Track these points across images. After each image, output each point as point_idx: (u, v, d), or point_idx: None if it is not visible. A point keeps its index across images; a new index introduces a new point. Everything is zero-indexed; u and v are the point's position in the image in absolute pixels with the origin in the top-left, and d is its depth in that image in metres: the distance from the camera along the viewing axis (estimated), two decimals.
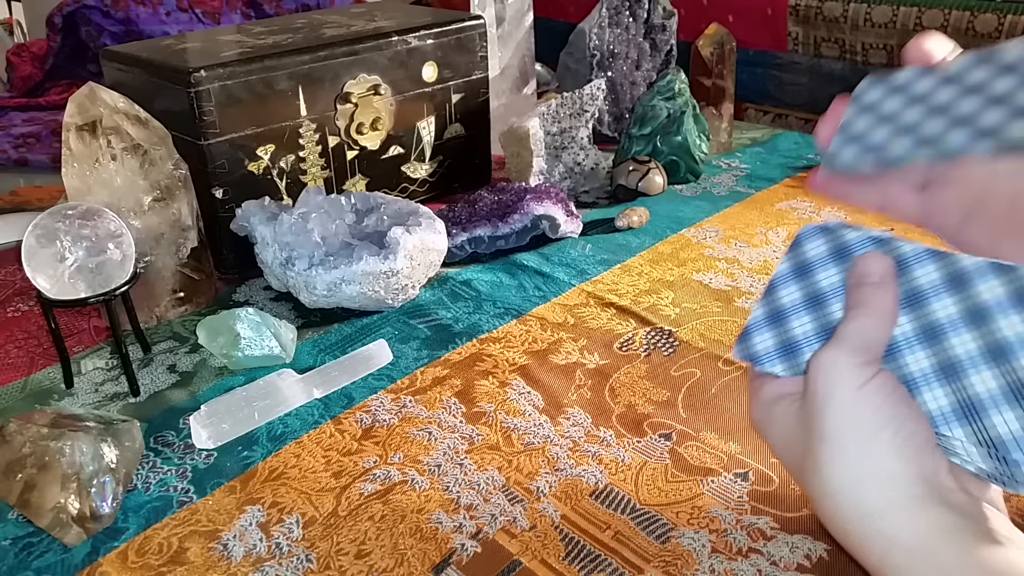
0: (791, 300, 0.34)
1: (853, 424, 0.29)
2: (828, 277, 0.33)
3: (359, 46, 0.92)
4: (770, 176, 1.13)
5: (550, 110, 1.04)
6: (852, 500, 0.29)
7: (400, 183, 1.02)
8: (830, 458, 0.29)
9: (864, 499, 0.29)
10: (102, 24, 1.51)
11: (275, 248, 0.77)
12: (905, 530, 0.28)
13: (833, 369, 0.30)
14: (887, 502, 0.29)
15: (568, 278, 0.86)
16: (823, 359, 0.30)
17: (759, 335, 0.34)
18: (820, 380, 0.30)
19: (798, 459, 0.32)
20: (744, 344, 0.35)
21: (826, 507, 0.30)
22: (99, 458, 0.54)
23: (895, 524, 0.29)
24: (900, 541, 0.28)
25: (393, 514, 0.54)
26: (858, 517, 0.29)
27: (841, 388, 0.29)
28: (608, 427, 0.63)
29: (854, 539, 0.30)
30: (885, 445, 0.29)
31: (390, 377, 0.70)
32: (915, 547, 0.28)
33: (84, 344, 0.76)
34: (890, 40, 1.35)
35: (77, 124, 0.70)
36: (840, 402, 0.29)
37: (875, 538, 0.29)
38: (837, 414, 0.29)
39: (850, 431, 0.29)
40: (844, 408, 0.29)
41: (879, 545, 0.29)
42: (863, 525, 0.29)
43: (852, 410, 0.29)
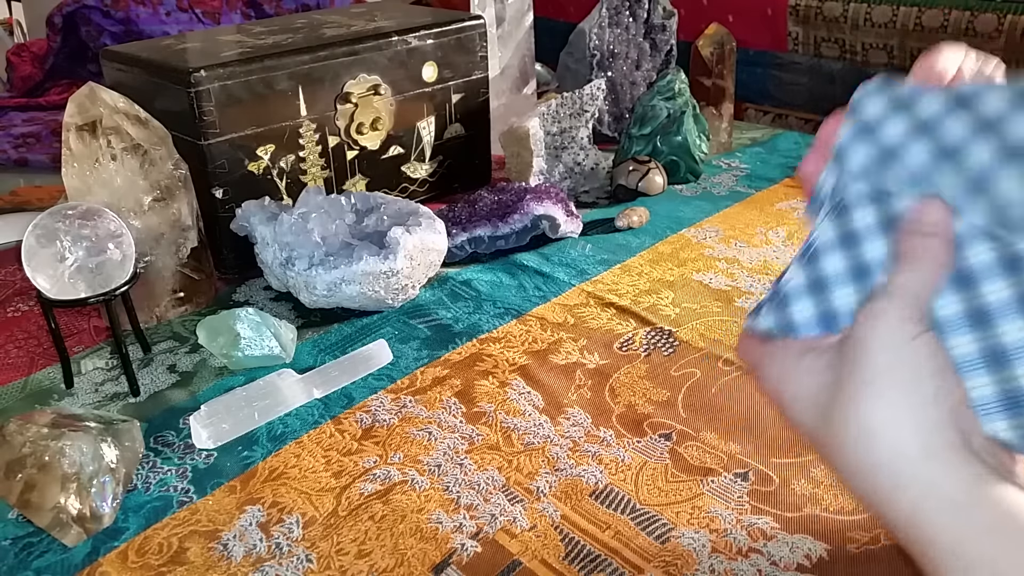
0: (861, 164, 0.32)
1: (901, 369, 0.29)
2: (895, 126, 0.31)
3: (359, 46, 0.92)
4: (770, 176, 1.13)
5: (550, 110, 1.04)
6: (891, 441, 0.29)
7: (400, 183, 1.02)
8: (873, 401, 0.29)
9: (904, 441, 0.29)
10: (102, 24, 1.51)
11: (275, 248, 0.77)
12: (942, 478, 0.28)
13: (884, 320, 0.30)
14: (927, 447, 0.29)
15: (568, 278, 0.86)
16: (875, 307, 0.30)
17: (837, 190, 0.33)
18: (870, 327, 0.30)
19: (823, 409, 0.31)
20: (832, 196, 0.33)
21: (858, 450, 0.30)
22: (99, 458, 0.54)
23: (933, 471, 0.28)
24: (937, 489, 0.28)
25: (393, 514, 0.54)
26: (895, 460, 0.29)
27: (891, 337, 0.30)
28: (608, 427, 0.63)
29: (885, 484, 0.29)
30: (930, 393, 0.29)
31: (390, 377, 0.70)
32: (952, 496, 0.28)
33: (84, 344, 0.76)
34: (890, 40, 1.35)
35: (77, 124, 0.70)
36: (890, 348, 0.29)
37: (910, 483, 0.29)
38: (886, 358, 0.29)
39: (897, 375, 0.29)
40: (893, 354, 0.29)
41: (913, 491, 0.29)
42: (899, 469, 0.29)
43: (901, 356, 0.29)
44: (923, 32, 1.30)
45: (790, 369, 0.33)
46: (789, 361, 0.33)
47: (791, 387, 0.33)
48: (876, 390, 0.29)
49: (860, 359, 0.30)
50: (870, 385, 0.30)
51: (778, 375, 0.33)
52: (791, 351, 0.33)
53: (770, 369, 0.34)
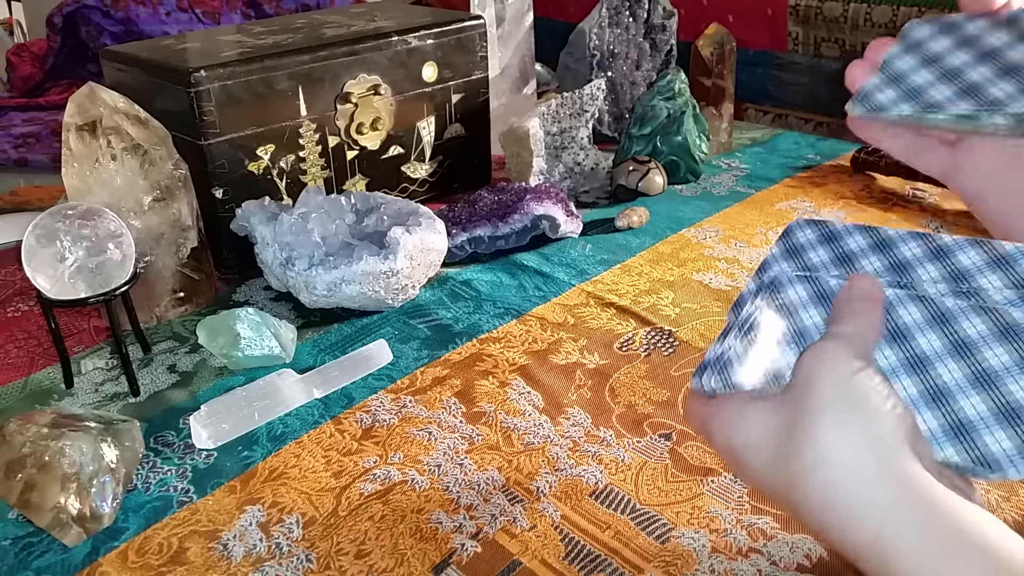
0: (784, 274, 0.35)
1: (854, 395, 0.30)
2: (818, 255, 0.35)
3: (359, 46, 0.92)
4: (770, 176, 1.13)
5: (550, 110, 1.04)
6: (848, 465, 0.29)
7: (400, 183, 1.02)
8: (828, 426, 0.30)
9: (861, 464, 0.29)
10: (102, 24, 1.51)
11: (275, 248, 0.77)
12: (902, 501, 0.28)
13: (832, 355, 0.31)
14: (885, 469, 0.29)
15: (568, 278, 0.86)
16: (820, 348, 0.31)
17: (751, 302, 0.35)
18: (818, 363, 0.31)
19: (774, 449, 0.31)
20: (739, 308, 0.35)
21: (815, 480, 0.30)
22: (99, 458, 0.54)
23: (892, 493, 0.29)
24: (897, 512, 0.28)
25: (393, 514, 0.54)
26: (853, 485, 0.29)
27: (836, 371, 0.30)
28: (608, 427, 0.63)
29: (844, 513, 0.29)
30: (884, 418, 0.29)
31: (390, 377, 0.70)
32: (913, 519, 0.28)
33: (84, 344, 0.76)
34: None
35: (77, 124, 0.70)
36: (840, 377, 0.30)
37: (869, 509, 0.29)
38: (837, 386, 0.30)
39: (851, 400, 0.30)
40: (844, 381, 0.30)
41: (873, 516, 0.29)
42: (857, 494, 0.29)
43: (852, 383, 0.30)
44: None
45: (738, 419, 0.33)
46: (736, 411, 0.33)
47: (740, 436, 0.33)
48: (830, 418, 0.30)
49: (810, 392, 0.30)
50: (823, 414, 0.30)
51: (726, 426, 0.34)
52: (737, 402, 0.34)
53: (718, 422, 0.34)
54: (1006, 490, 0.55)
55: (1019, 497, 0.54)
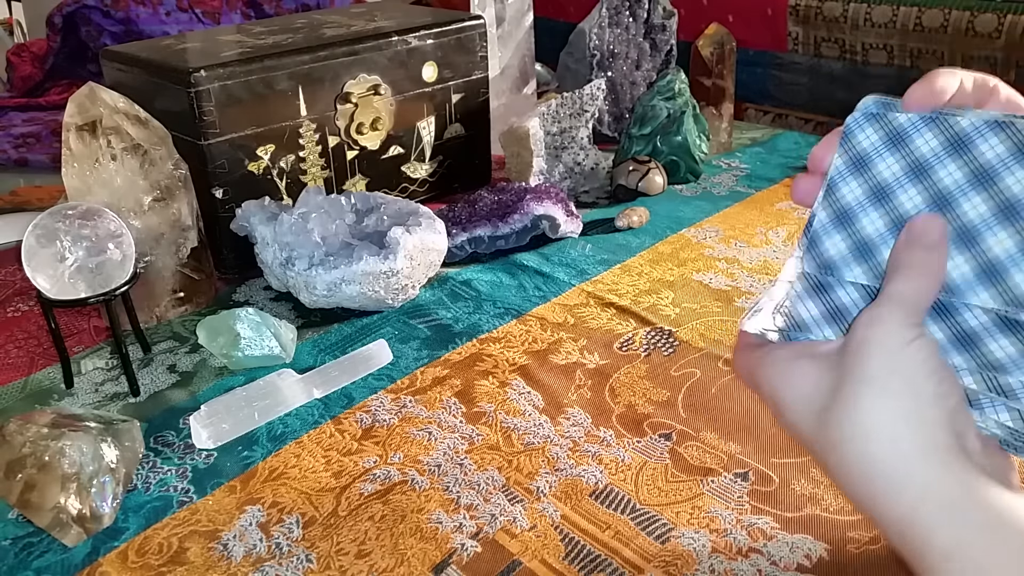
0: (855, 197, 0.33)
1: (901, 369, 0.30)
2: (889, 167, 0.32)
3: (359, 46, 0.92)
4: (770, 176, 1.13)
5: (550, 110, 1.04)
6: (889, 441, 0.29)
7: (400, 183, 1.02)
8: (873, 399, 0.30)
9: (902, 441, 0.29)
10: (102, 24, 1.51)
11: (275, 248, 0.77)
12: (939, 479, 0.29)
13: (884, 323, 0.30)
14: (924, 448, 0.29)
15: (568, 278, 0.86)
16: (874, 313, 0.31)
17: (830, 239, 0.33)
18: (871, 330, 0.30)
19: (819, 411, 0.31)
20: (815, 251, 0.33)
21: (855, 450, 0.30)
22: (99, 458, 0.54)
23: (930, 471, 0.29)
24: (934, 489, 0.28)
25: (393, 514, 0.54)
26: (892, 460, 0.29)
27: (891, 339, 0.30)
28: (608, 427, 0.63)
29: (881, 485, 0.29)
30: (927, 395, 0.29)
31: (390, 377, 0.70)
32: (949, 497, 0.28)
33: (84, 344, 0.76)
34: (890, 40, 1.35)
35: (77, 124, 0.70)
36: (890, 349, 0.30)
37: (907, 484, 0.29)
38: (886, 359, 0.30)
39: (896, 376, 0.30)
40: (893, 355, 0.30)
41: (910, 492, 0.29)
42: (896, 469, 0.29)
43: (901, 357, 0.30)
44: (923, 32, 1.30)
45: (785, 372, 0.33)
46: (784, 365, 0.33)
47: (787, 390, 0.33)
48: (874, 390, 0.30)
49: (858, 361, 0.30)
50: (868, 385, 0.30)
51: (774, 379, 0.33)
52: (787, 355, 0.33)
53: (766, 373, 0.34)
54: None
55: None
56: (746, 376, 0.36)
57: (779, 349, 0.34)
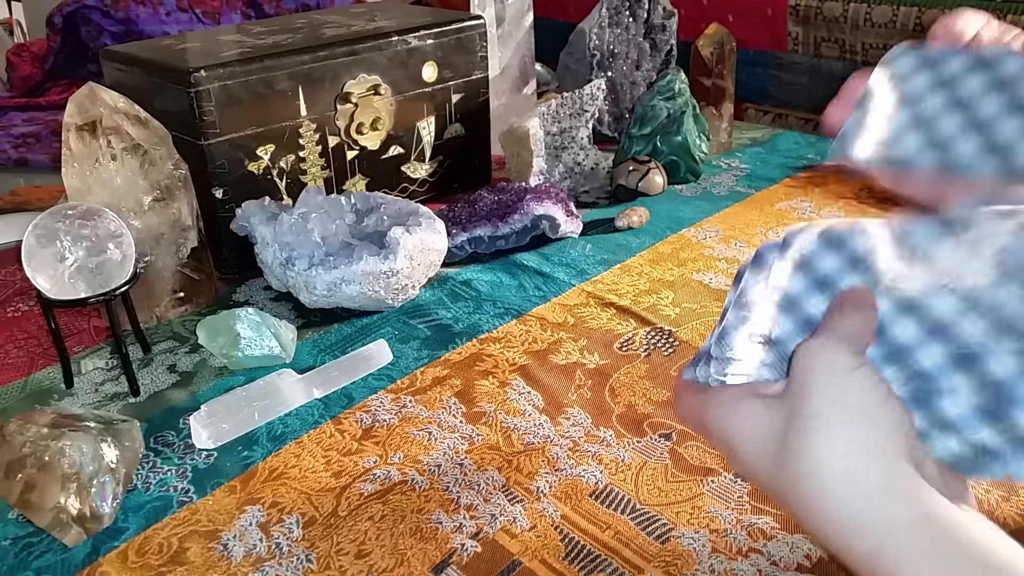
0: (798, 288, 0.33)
1: (849, 400, 0.29)
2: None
3: (359, 46, 0.92)
4: (770, 176, 1.13)
5: (550, 110, 1.04)
6: (847, 479, 0.28)
7: (400, 183, 1.02)
8: (824, 435, 0.29)
9: (860, 478, 0.28)
10: (102, 24, 1.51)
11: (275, 248, 0.77)
12: (902, 512, 0.28)
13: (828, 353, 0.30)
14: (883, 482, 0.28)
15: (568, 278, 0.86)
16: (817, 344, 0.30)
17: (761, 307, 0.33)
18: (814, 362, 0.30)
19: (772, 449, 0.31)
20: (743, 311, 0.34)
21: (812, 486, 0.29)
22: (99, 458, 0.54)
23: (892, 504, 0.28)
24: (897, 523, 0.28)
25: (393, 514, 0.54)
26: (852, 498, 0.28)
27: (836, 369, 0.29)
28: (608, 427, 0.63)
29: (843, 523, 0.29)
30: (880, 423, 0.29)
31: (390, 377, 0.70)
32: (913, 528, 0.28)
33: (84, 344, 0.76)
34: (890, 40, 1.35)
35: (77, 124, 0.70)
36: (836, 380, 0.29)
37: (870, 519, 0.28)
38: (833, 391, 0.29)
39: (847, 406, 0.29)
40: (840, 386, 0.29)
41: (875, 530, 0.28)
42: (857, 507, 0.28)
43: (848, 388, 0.29)
44: (923, 32, 1.30)
45: (734, 414, 0.32)
46: (732, 406, 0.32)
47: (736, 432, 0.32)
48: (825, 424, 0.29)
49: (806, 393, 0.30)
50: (819, 419, 0.29)
51: (722, 422, 0.33)
52: (733, 396, 0.33)
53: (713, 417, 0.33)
54: (1006, 490, 0.55)
55: (1019, 497, 0.54)
56: (693, 422, 0.35)
57: (724, 391, 0.33)
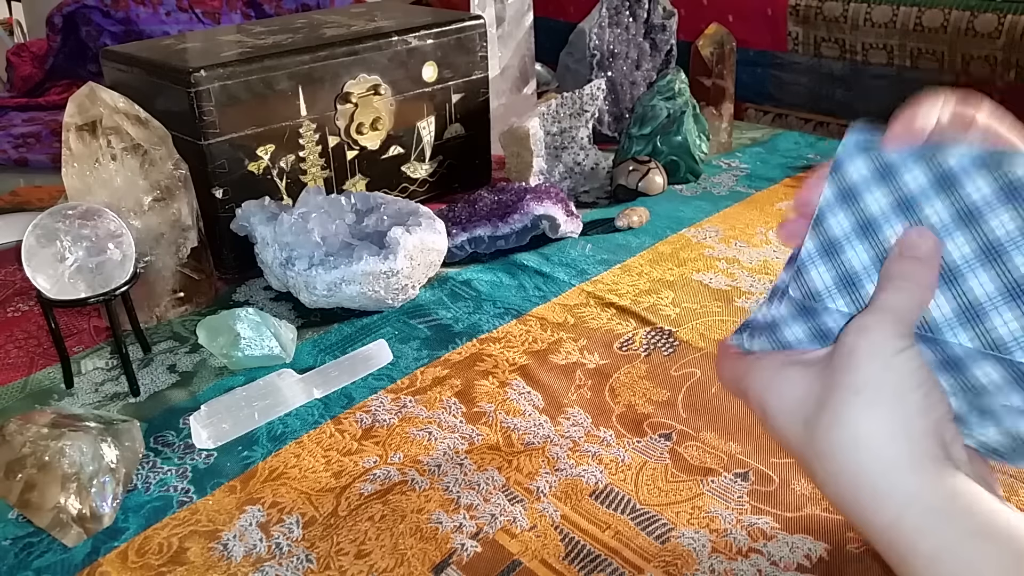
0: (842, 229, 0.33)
1: (888, 380, 0.30)
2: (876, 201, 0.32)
3: (359, 46, 0.92)
4: (770, 176, 1.13)
5: (550, 110, 1.04)
6: (877, 449, 0.30)
7: (400, 183, 1.02)
8: (860, 409, 0.30)
9: (890, 450, 0.29)
10: (102, 24, 1.51)
11: (275, 248, 0.77)
12: (925, 487, 0.29)
13: (873, 331, 0.30)
14: (911, 457, 0.29)
15: (568, 278, 0.86)
16: (864, 321, 0.31)
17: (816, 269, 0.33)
18: (860, 338, 0.31)
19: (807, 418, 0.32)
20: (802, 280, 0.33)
21: (843, 458, 0.30)
22: (99, 458, 0.54)
23: (917, 480, 0.29)
24: (920, 497, 0.29)
25: (393, 514, 0.54)
26: (880, 468, 0.29)
27: (881, 348, 0.30)
28: (608, 427, 0.63)
29: (868, 492, 0.30)
30: (916, 404, 0.30)
31: (390, 377, 0.70)
32: (935, 505, 0.29)
33: (84, 344, 0.76)
34: (890, 40, 1.35)
35: (77, 124, 0.70)
36: (879, 358, 0.30)
37: (893, 492, 0.29)
38: (875, 368, 0.30)
39: (885, 386, 0.30)
40: (882, 365, 0.30)
41: (897, 499, 0.29)
42: (883, 476, 0.29)
43: (890, 368, 0.30)
44: (923, 32, 1.30)
45: (773, 380, 0.33)
46: (772, 373, 0.33)
47: (775, 398, 0.33)
48: (863, 399, 0.30)
49: (848, 369, 0.30)
50: (858, 394, 0.30)
51: (761, 387, 0.34)
52: (774, 363, 0.34)
53: (753, 381, 0.34)
54: (1007, 490, 0.55)
55: (1019, 497, 0.54)
56: (732, 385, 0.36)
57: (766, 357, 0.34)
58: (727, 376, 0.36)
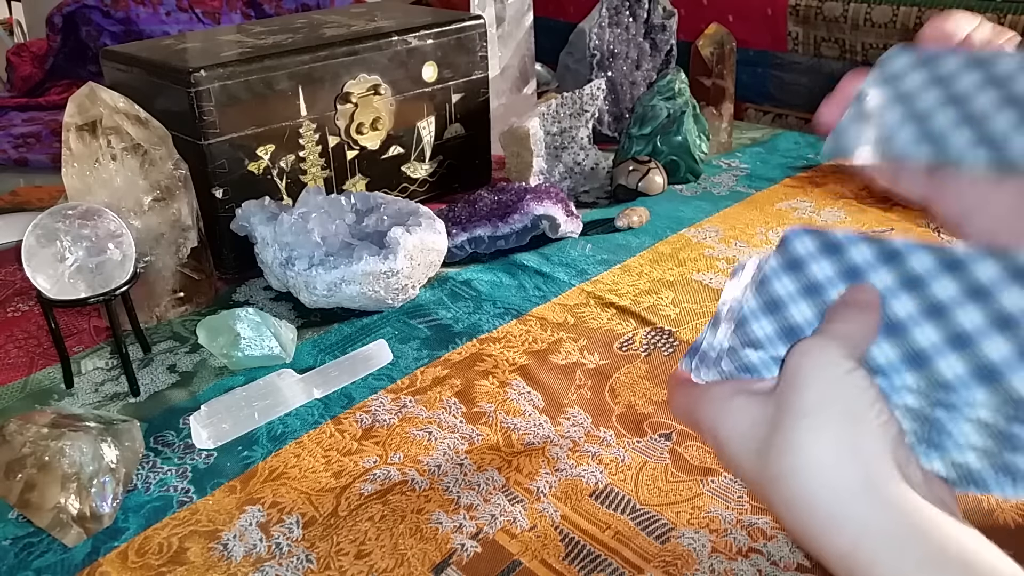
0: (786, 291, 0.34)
1: (837, 402, 0.29)
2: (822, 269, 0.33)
3: (359, 46, 0.92)
4: (770, 176, 1.13)
5: (550, 110, 1.04)
6: (829, 477, 0.29)
7: (400, 183, 1.02)
8: (810, 433, 0.29)
9: (842, 477, 0.29)
10: (102, 24, 1.51)
11: (275, 248, 0.77)
12: (880, 512, 0.28)
13: (821, 353, 0.30)
14: (865, 481, 0.28)
15: (568, 278, 0.86)
16: (811, 344, 0.31)
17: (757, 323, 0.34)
18: (806, 361, 0.30)
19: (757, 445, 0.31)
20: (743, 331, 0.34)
21: (794, 484, 0.29)
22: (99, 458, 0.54)
23: (871, 505, 0.28)
24: (875, 523, 0.28)
25: (393, 514, 0.54)
26: (832, 496, 0.29)
27: (828, 369, 0.30)
28: (608, 427, 0.63)
29: (822, 518, 0.29)
30: (867, 426, 0.29)
31: (390, 377, 0.70)
32: (890, 530, 0.28)
33: (84, 344, 0.76)
34: (890, 40, 1.35)
35: (77, 124, 0.70)
36: (827, 380, 0.29)
37: (848, 518, 0.28)
38: (823, 391, 0.29)
39: (833, 407, 0.29)
40: (831, 386, 0.29)
41: (852, 526, 0.28)
42: (836, 503, 0.29)
43: (838, 389, 0.29)
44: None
45: (723, 410, 0.33)
46: (721, 403, 0.33)
47: (726, 426, 0.33)
48: (811, 423, 0.29)
49: (795, 392, 0.30)
50: (805, 418, 0.29)
51: (712, 417, 0.33)
52: (723, 392, 0.33)
53: (703, 411, 0.34)
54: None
55: (1012, 504, 0.54)
56: (684, 415, 0.35)
57: (715, 387, 0.34)
58: (679, 406, 0.36)
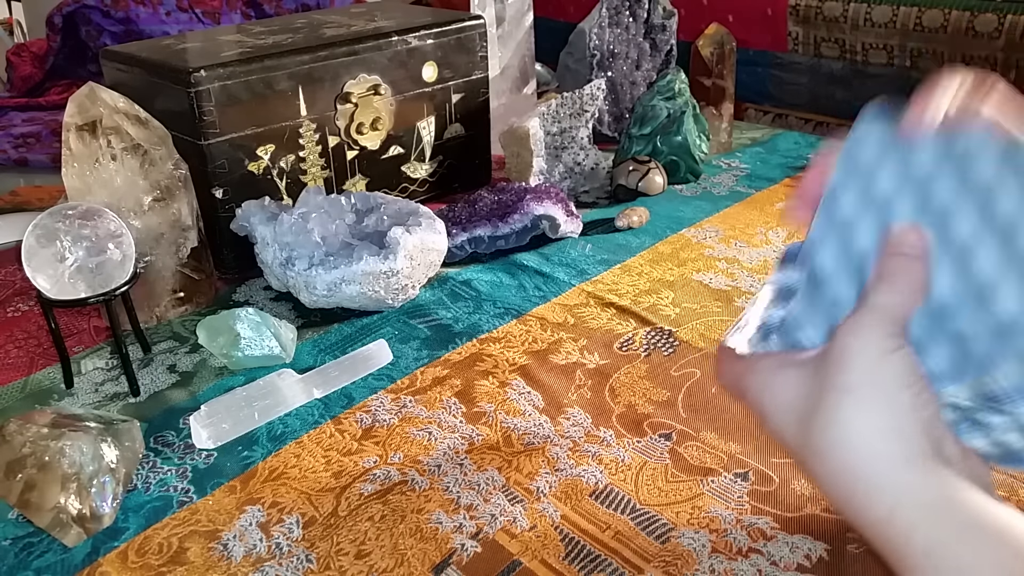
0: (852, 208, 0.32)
1: (880, 379, 0.31)
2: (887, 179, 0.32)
3: (359, 46, 0.92)
4: (770, 176, 1.13)
5: (550, 110, 1.04)
6: (869, 447, 0.30)
7: (400, 183, 1.02)
8: (853, 408, 0.31)
9: (882, 448, 0.30)
10: (102, 24, 1.51)
11: (275, 248, 0.77)
12: (917, 484, 0.30)
13: (864, 333, 0.31)
14: (903, 454, 0.30)
15: (568, 278, 0.86)
16: (856, 322, 0.32)
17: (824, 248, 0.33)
18: (851, 339, 0.31)
19: (802, 417, 0.32)
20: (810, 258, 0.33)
21: (837, 456, 0.31)
22: (99, 458, 0.54)
23: (909, 477, 0.30)
24: (912, 493, 0.30)
25: (393, 514, 0.54)
26: (872, 465, 0.30)
27: (872, 348, 0.31)
28: (608, 427, 0.63)
29: (862, 488, 0.30)
30: (906, 404, 0.30)
31: (390, 377, 0.70)
32: (926, 501, 0.29)
33: (84, 344, 0.76)
34: (890, 40, 1.35)
35: (77, 124, 0.70)
36: (870, 359, 0.31)
37: (887, 488, 0.30)
38: (866, 369, 0.31)
39: (876, 385, 0.31)
40: (873, 364, 0.31)
41: (890, 495, 0.30)
42: (876, 474, 0.30)
43: (881, 368, 0.31)
44: (923, 32, 1.30)
45: (769, 381, 0.34)
46: (768, 374, 0.34)
47: (772, 398, 0.34)
48: (855, 399, 0.31)
49: (841, 369, 0.31)
50: (850, 394, 0.31)
51: (758, 388, 0.35)
52: (770, 364, 0.35)
53: (750, 383, 0.35)
54: (1006, 489, 0.55)
55: (1019, 496, 0.54)
56: (731, 386, 0.37)
57: (762, 359, 0.35)
58: (726, 377, 0.37)
